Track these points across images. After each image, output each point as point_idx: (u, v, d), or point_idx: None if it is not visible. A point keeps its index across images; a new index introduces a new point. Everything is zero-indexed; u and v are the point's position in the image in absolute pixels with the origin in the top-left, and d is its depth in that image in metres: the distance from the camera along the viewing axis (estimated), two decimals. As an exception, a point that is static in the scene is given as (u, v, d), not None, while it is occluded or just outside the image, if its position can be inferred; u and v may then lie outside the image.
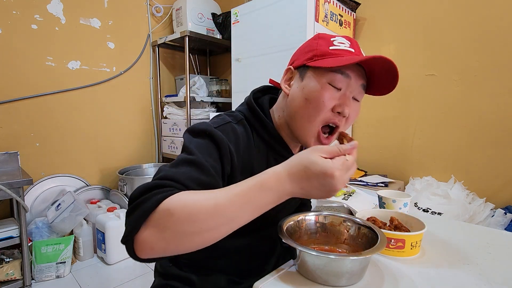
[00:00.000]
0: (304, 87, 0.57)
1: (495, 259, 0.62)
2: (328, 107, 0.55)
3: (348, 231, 0.64)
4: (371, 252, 0.50)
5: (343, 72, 0.54)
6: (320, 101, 0.54)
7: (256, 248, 0.69)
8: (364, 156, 1.85)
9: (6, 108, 1.79)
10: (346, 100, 0.55)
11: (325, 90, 0.54)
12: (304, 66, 0.58)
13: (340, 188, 0.42)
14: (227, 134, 0.56)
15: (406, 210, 0.79)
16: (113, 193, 2.15)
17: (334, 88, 0.55)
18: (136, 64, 2.34)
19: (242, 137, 0.59)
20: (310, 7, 1.43)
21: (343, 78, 0.55)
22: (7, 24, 1.77)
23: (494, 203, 1.32)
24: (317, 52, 0.57)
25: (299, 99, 0.57)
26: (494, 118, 1.38)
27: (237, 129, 0.59)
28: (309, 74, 0.57)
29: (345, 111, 0.55)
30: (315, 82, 0.56)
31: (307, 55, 0.58)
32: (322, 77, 0.55)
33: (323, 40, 0.58)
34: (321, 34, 0.60)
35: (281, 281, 0.54)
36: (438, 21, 1.51)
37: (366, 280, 0.53)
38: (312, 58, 0.57)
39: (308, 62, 0.57)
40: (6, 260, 1.53)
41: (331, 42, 0.57)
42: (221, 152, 0.53)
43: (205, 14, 2.33)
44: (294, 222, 0.64)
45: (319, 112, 0.55)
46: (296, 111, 0.58)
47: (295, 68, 0.61)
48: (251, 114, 0.63)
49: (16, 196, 1.38)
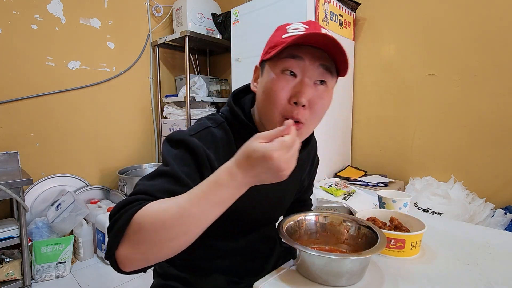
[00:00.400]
0: (262, 81, 0.56)
1: (495, 259, 0.62)
2: (282, 97, 0.51)
3: (348, 231, 0.64)
4: (371, 252, 0.50)
5: (295, 55, 0.51)
6: (272, 91, 0.52)
7: (255, 248, 0.69)
8: (364, 156, 1.85)
9: (6, 108, 1.79)
10: (303, 87, 0.51)
11: (279, 79, 0.52)
12: (263, 61, 0.57)
13: (286, 167, 0.41)
14: (204, 140, 0.55)
15: (406, 210, 0.79)
16: (113, 193, 2.15)
17: (290, 76, 0.52)
18: (136, 64, 2.34)
19: (222, 141, 0.57)
20: (310, 7, 1.43)
21: (296, 62, 0.51)
22: (7, 24, 1.77)
23: (494, 203, 1.32)
24: (271, 43, 0.55)
25: (260, 95, 0.56)
26: (494, 118, 1.38)
27: (216, 133, 0.57)
28: (267, 68, 0.55)
29: (301, 100, 0.50)
30: (270, 73, 0.53)
31: (264, 49, 0.57)
32: (276, 67, 0.52)
33: (278, 31, 0.56)
34: (280, 26, 0.57)
35: (281, 281, 0.54)
36: (438, 21, 1.51)
37: (366, 280, 0.54)
38: (267, 51, 0.55)
39: (264, 56, 0.56)
40: (6, 260, 1.53)
41: (285, 31, 0.54)
42: (198, 160, 0.52)
43: (205, 14, 2.33)
44: (294, 222, 0.64)
45: (273, 104, 0.52)
46: (260, 107, 0.57)
47: (259, 65, 0.60)
48: (231, 116, 0.61)
49: (16, 196, 1.38)
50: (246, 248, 0.67)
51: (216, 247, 0.64)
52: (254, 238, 0.68)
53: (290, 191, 0.73)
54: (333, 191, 1.41)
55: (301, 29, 0.53)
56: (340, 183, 1.53)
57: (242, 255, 0.67)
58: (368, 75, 1.79)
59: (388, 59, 1.70)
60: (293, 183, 0.73)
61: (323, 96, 0.53)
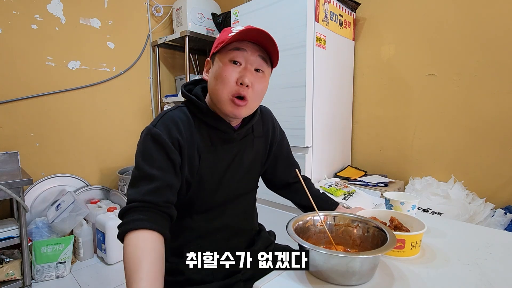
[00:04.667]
0: (213, 70, 0.69)
1: (495, 259, 0.62)
2: (231, 80, 0.65)
3: (356, 230, 0.65)
4: (382, 251, 0.50)
5: (239, 48, 0.65)
6: (224, 75, 0.65)
7: (232, 226, 0.76)
8: (364, 156, 1.85)
9: (6, 108, 1.79)
10: (246, 72, 0.65)
11: (227, 66, 0.65)
12: (213, 54, 0.70)
13: None
14: (165, 125, 0.66)
15: (414, 212, 0.78)
16: (113, 193, 2.15)
17: (235, 64, 0.65)
18: (136, 64, 2.34)
19: (181, 120, 0.68)
20: (310, 7, 1.43)
21: (240, 53, 0.65)
22: (7, 24, 1.77)
23: (494, 203, 1.32)
24: (219, 40, 0.68)
25: (211, 81, 0.69)
26: (494, 118, 1.38)
27: (174, 115, 0.68)
28: (216, 59, 0.68)
29: (245, 80, 0.64)
30: (220, 63, 0.67)
31: (214, 45, 0.70)
32: (225, 57, 0.66)
33: (225, 32, 0.69)
34: (226, 28, 0.71)
35: (282, 281, 0.54)
36: (438, 21, 1.51)
37: (376, 280, 0.53)
38: (216, 46, 0.68)
39: (214, 50, 0.69)
40: (6, 260, 1.53)
41: (230, 31, 0.67)
42: (164, 148, 0.64)
43: (205, 14, 2.33)
44: (302, 222, 0.65)
45: (225, 85, 0.65)
46: (212, 90, 0.69)
47: (210, 58, 0.73)
48: (187, 102, 0.73)
49: (16, 196, 1.38)
50: (222, 226, 0.74)
51: (194, 228, 0.72)
52: (227, 215, 0.75)
53: (253, 166, 0.81)
54: (333, 191, 1.41)
55: (242, 28, 0.65)
56: (340, 183, 1.53)
57: (220, 232, 0.74)
58: (368, 75, 1.79)
59: (388, 59, 1.70)
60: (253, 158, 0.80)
61: (261, 81, 0.68)
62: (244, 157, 0.76)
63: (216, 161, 0.71)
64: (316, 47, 1.48)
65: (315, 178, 1.58)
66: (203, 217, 0.72)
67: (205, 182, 0.70)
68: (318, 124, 1.55)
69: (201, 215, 0.72)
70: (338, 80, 1.70)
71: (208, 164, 0.70)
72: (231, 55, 0.65)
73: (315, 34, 1.46)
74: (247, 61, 0.66)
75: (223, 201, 0.75)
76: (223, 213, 0.75)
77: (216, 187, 0.72)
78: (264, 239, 0.84)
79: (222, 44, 0.65)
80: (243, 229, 0.80)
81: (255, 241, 0.82)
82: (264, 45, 0.66)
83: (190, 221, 0.72)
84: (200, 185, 0.70)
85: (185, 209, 0.71)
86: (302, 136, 1.48)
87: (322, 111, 1.57)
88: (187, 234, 0.72)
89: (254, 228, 0.86)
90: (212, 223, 0.73)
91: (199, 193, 0.70)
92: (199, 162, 0.69)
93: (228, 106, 0.66)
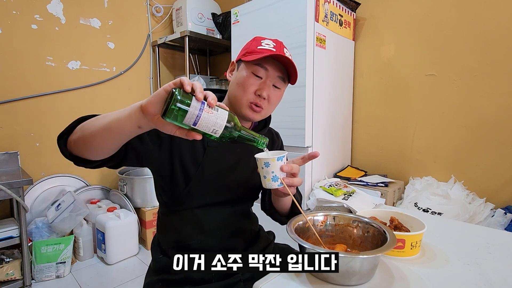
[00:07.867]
0: (237, 76, 0.74)
1: (495, 259, 0.62)
2: (251, 90, 0.71)
3: (356, 230, 0.65)
4: (382, 251, 0.50)
5: (262, 66, 0.71)
6: (245, 85, 0.71)
7: (232, 226, 0.78)
8: (364, 156, 1.85)
9: (6, 108, 1.79)
10: (265, 86, 0.71)
11: (249, 77, 0.71)
12: (240, 60, 0.75)
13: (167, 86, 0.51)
14: None
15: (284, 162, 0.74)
16: (113, 193, 2.15)
17: (256, 76, 0.71)
18: (136, 64, 2.34)
19: None
20: (310, 7, 1.43)
21: (262, 70, 0.71)
22: (7, 24, 1.77)
23: (494, 203, 1.32)
24: (249, 50, 0.73)
25: (234, 84, 0.74)
26: (494, 118, 1.38)
27: None
28: (242, 66, 0.74)
29: (263, 93, 0.70)
30: (244, 72, 0.72)
31: (243, 52, 0.75)
32: (249, 68, 0.72)
33: (255, 42, 0.74)
34: (257, 37, 0.76)
35: (282, 281, 0.54)
36: (438, 21, 1.51)
37: (375, 280, 0.53)
38: (245, 54, 0.74)
39: (242, 57, 0.74)
40: (6, 260, 1.53)
41: (260, 43, 0.73)
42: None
43: (205, 14, 2.33)
44: (303, 222, 0.65)
45: (245, 93, 0.71)
46: (233, 93, 0.74)
47: (236, 61, 0.78)
48: None
49: (16, 196, 1.38)
50: (224, 224, 0.76)
51: (195, 222, 0.75)
52: (228, 214, 0.77)
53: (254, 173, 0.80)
54: (333, 191, 1.41)
55: (271, 45, 0.73)
56: (340, 183, 1.53)
57: (220, 230, 0.76)
58: (368, 75, 1.79)
59: (388, 59, 1.70)
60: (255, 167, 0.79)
61: (277, 95, 0.75)
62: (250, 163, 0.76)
63: (220, 158, 0.74)
64: (316, 47, 1.48)
65: (315, 178, 1.58)
66: (203, 212, 0.75)
67: (206, 176, 0.72)
68: (318, 124, 1.55)
69: (201, 209, 0.75)
70: (338, 80, 1.70)
71: (212, 159, 0.72)
72: (255, 69, 0.71)
73: (315, 34, 1.46)
74: (267, 77, 0.72)
75: (223, 200, 0.76)
76: (223, 211, 0.77)
77: (217, 184, 0.74)
78: (263, 239, 0.85)
79: (251, 57, 0.71)
80: (244, 229, 0.81)
81: (255, 241, 0.83)
82: (285, 65, 0.73)
83: (191, 214, 0.74)
84: (201, 178, 0.71)
85: (186, 201, 0.73)
86: (302, 136, 1.48)
87: (322, 111, 1.57)
88: (188, 228, 0.75)
89: (254, 229, 0.87)
90: (213, 219, 0.75)
91: (199, 187, 0.72)
92: (204, 155, 0.72)
93: (246, 109, 0.72)
